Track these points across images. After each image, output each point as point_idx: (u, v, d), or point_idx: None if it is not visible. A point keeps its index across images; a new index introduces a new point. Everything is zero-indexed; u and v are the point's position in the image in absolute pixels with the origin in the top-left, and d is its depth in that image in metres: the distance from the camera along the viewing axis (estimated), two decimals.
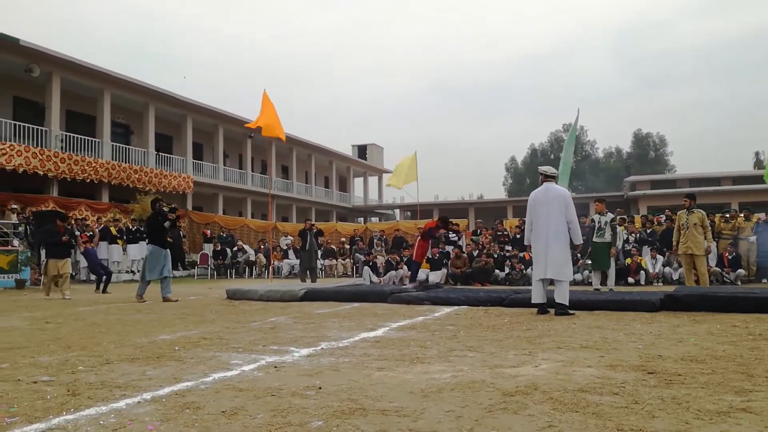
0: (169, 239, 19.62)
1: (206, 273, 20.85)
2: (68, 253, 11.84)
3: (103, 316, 7.71)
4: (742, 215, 15.07)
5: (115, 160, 24.02)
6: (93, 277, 16.81)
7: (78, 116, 24.62)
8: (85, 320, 7.27)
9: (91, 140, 23.55)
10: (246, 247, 21.79)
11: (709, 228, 10.69)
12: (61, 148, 21.85)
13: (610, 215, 11.12)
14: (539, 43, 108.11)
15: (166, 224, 10.34)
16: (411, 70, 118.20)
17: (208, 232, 23.09)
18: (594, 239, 10.80)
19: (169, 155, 28.03)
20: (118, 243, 17.99)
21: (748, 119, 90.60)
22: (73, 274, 17.27)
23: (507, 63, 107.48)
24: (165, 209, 10.68)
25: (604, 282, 11.11)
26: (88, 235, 14.74)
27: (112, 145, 24.44)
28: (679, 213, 10.81)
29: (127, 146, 25.78)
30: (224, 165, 31.85)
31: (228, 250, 21.09)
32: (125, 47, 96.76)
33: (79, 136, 22.95)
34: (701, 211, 10.49)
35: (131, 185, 23.66)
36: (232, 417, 2.78)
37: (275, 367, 4.04)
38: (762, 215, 14.92)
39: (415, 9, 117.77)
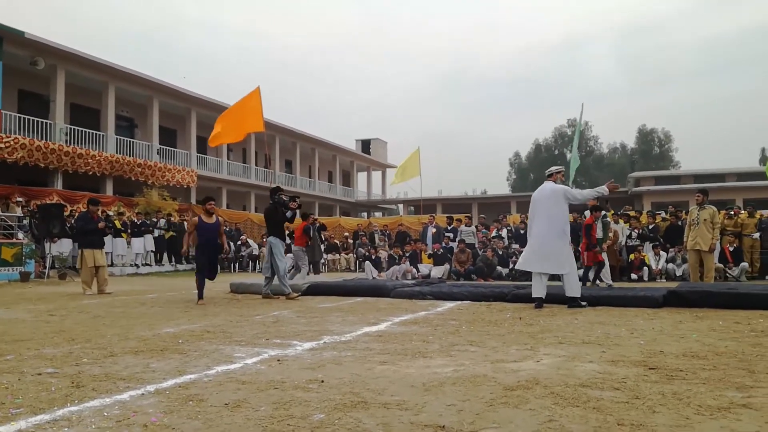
0: (172, 233, 19.82)
1: None
2: (104, 243, 11.04)
3: (106, 309, 7.75)
4: (746, 212, 15.01)
5: (120, 153, 24.06)
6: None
7: (83, 109, 24.65)
8: (89, 313, 7.30)
9: (96, 133, 23.58)
10: (250, 241, 21.83)
11: (719, 225, 10.63)
12: (66, 141, 21.89)
13: (603, 212, 11.08)
14: (545, 36, 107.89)
15: (289, 214, 9.76)
16: (415, 64, 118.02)
17: None
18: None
19: (173, 149, 28.07)
20: (122, 236, 18.03)
21: (754, 115, 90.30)
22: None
23: (512, 56, 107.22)
24: (285, 198, 9.92)
25: (598, 277, 11.02)
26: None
27: (117, 138, 24.49)
28: (691, 209, 10.75)
29: (132, 140, 25.82)
30: (228, 159, 31.88)
31: (231, 244, 21.12)
32: (129, 40, 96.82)
33: (84, 129, 23.00)
34: (713, 207, 10.41)
35: (134, 178, 23.72)
36: (234, 409, 2.81)
37: (278, 360, 4.06)
38: (765, 212, 14.86)
39: (421, 2, 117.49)
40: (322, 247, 17.53)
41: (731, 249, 13.83)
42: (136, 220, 19.10)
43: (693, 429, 2.45)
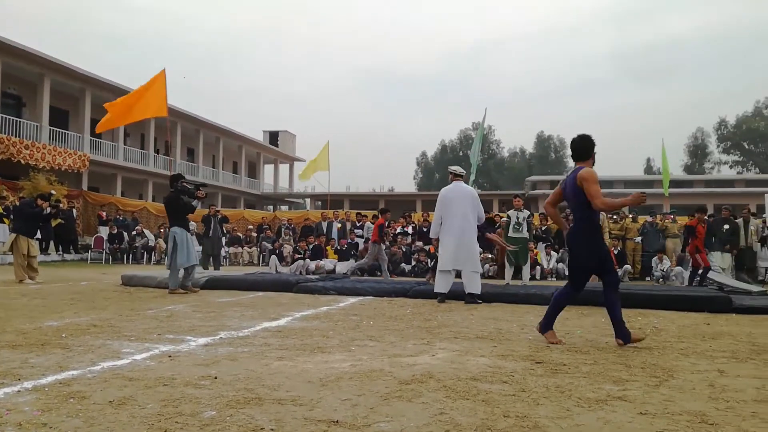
0: (60, 221, 18.65)
1: (100, 257, 19.79)
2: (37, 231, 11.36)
3: None
4: (630, 217, 16.10)
5: (5, 133, 22.30)
6: None
7: None
8: None
9: None
10: (146, 231, 20.91)
11: (607, 229, 11.42)
12: None
13: (527, 211, 11.41)
14: (458, 41, 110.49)
15: (195, 203, 9.26)
16: (329, 57, 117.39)
17: (104, 214, 21.97)
18: (512, 234, 10.94)
19: (64, 131, 26.37)
20: (4, 222, 16.76)
21: (641, 125, 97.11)
22: None
23: (426, 57, 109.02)
24: (190, 187, 9.42)
25: (515, 276, 11.33)
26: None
27: (2, 117, 22.69)
28: None
29: (18, 119, 24.00)
30: (125, 144, 30.36)
31: (125, 233, 20.13)
32: (27, 17, 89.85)
33: None
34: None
35: (21, 161, 22.08)
36: (119, 407, 2.68)
37: (169, 356, 3.92)
38: (648, 217, 16.01)
39: None
40: (223, 240, 17.08)
41: (615, 252, 14.77)
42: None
43: (573, 420, 2.59)
